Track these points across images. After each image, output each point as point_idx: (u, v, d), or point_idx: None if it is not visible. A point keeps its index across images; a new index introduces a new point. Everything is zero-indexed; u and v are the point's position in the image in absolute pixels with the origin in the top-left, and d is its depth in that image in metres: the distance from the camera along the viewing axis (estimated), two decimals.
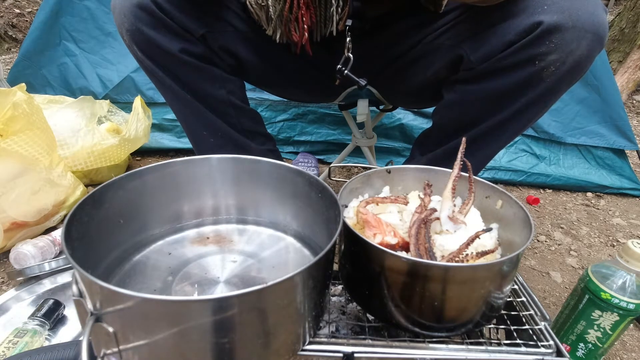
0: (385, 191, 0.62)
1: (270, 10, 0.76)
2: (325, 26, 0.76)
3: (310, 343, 0.45)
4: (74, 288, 0.35)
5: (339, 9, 0.74)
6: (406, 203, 0.55)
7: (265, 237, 0.57)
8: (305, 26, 0.76)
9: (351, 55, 0.76)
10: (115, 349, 0.34)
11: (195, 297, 0.32)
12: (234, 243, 0.55)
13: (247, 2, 0.78)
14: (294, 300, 0.37)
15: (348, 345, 0.46)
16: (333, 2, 0.73)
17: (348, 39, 0.76)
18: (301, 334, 0.42)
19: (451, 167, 0.59)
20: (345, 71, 0.76)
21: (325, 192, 0.49)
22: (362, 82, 0.76)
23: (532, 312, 0.53)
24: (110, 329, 0.33)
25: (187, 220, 0.57)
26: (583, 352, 0.73)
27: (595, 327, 0.69)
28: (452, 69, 0.77)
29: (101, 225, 0.44)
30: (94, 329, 0.33)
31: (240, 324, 0.34)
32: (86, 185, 1.22)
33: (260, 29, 0.80)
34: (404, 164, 0.81)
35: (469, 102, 0.77)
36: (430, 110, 1.06)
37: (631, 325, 0.84)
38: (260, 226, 0.59)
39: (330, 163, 1.57)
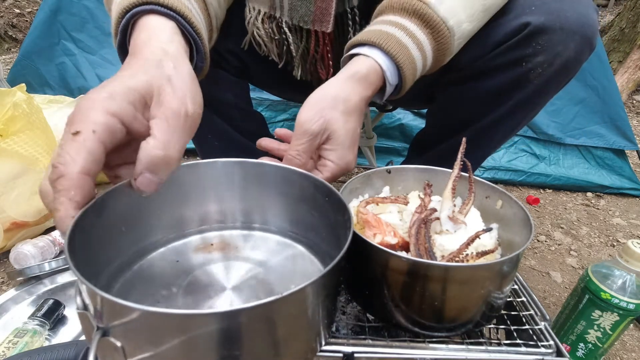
0: (385, 191, 0.62)
1: (292, 48, 0.76)
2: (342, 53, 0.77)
3: None
4: (78, 300, 0.34)
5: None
6: (406, 203, 0.55)
7: (272, 243, 0.56)
8: (331, 62, 0.76)
9: None
10: None
11: (208, 310, 0.31)
12: (240, 249, 0.54)
13: (255, 33, 0.76)
14: (307, 310, 0.37)
15: (348, 345, 0.46)
16: (350, 30, 0.73)
17: None
18: (314, 342, 0.41)
19: (446, 168, 0.59)
20: None
21: (333, 196, 0.48)
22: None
23: (532, 312, 0.53)
24: (118, 344, 0.32)
25: (191, 226, 0.55)
26: (583, 352, 0.73)
27: (595, 327, 0.69)
28: (444, 69, 0.77)
29: (103, 233, 0.42)
30: (101, 344, 0.32)
31: (250, 336, 0.34)
32: None
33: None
34: (401, 164, 0.81)
35: (459, 103, 0.77)
36: None
37: (631, 325, 0.84)
38: (267, 232, 0.58)
39: None
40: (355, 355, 0.45)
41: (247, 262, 0.52)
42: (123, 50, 0.49)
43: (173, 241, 0.54)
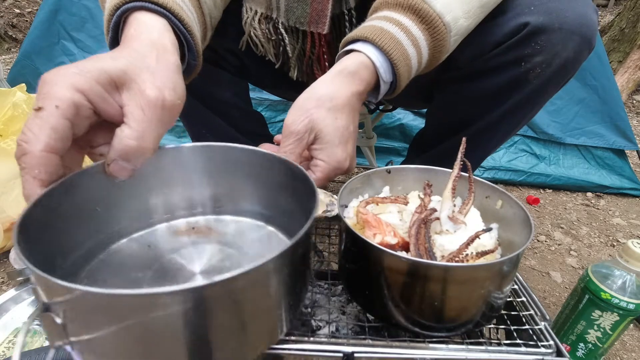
0: (385, 191, 0.62)
1: (288, 49, 0.76)
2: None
3: (310, 343, 0.45)
4: (32, 276, 0.33)
5: None
6: (406, 203, 0.55)
7: (243, 226, 0.55)
8: (327, 64, 0.76)
9: None
10: (66, 340, 0.33)
11: (134, 290, 0.28)
12: (212, 234, 0.54)
13: (251, 33, 0.76)
14: (266, 289, 0.35)
15: (348, 345, 0.46)
16: (347, 31, 0.73)
17: None
18: (275, 328, 0.40)
19: (446, 168, 0.59)
20: None
21: (307, 183, 0.46)
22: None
23: (532, 312, 0.53)
24: (58, 320, 0.31)
25: (162, 212, 0.54)
26: (583, 352, 0.73)
27: (595, 327, 0.69)
28: (442, 68, 0.77)
29: (72, 214, 0.41)
30: (44, 319, 0.32)
31: (189, 320, 0.32)
32: None
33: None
34: (401, 164, 0.81)
35: (458, 103, 0.77)
36: None
37: (631, 325, 0.84)
38: (238, 216, 0.56)
39: None
40: (355, 355, 0.45)
41: (219, 244, 0.51)
42: (115, 48, 0.49)
43: (145, 227, 0.53)
